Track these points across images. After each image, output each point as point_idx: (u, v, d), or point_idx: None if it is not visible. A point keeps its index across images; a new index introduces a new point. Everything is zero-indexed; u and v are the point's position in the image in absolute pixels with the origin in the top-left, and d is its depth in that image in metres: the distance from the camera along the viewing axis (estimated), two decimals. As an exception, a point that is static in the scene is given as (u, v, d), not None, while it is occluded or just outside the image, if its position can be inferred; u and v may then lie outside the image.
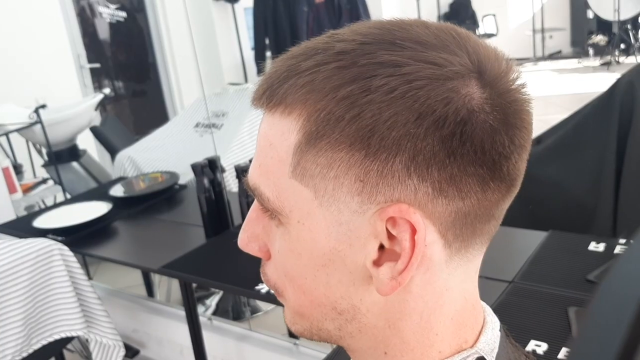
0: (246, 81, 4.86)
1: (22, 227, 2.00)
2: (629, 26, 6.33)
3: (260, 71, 4.69)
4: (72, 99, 3.36)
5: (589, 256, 1.29)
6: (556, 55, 7.26)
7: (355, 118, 0.37)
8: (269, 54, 4.73)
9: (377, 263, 0.40)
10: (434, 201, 0.38)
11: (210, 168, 1.74)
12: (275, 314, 2.31)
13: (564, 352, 1.01)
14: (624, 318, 0.23)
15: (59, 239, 1.80)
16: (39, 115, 2.61)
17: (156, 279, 2.54)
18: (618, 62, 6.33)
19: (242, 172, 1.63)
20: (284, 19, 4.59)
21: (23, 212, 2.54)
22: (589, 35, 6.85)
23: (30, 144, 2.98)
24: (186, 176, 2.27)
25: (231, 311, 2.46)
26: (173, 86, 4.45)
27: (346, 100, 0.37)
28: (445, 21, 0.43)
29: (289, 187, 0.41)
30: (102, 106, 3.65)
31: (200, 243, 1.71)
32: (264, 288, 1.36)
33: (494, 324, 0.46)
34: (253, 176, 0.43)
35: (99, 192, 2.30)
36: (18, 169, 2.72)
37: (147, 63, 4.46)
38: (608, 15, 6.34)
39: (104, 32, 4.17)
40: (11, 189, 2.45)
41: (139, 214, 2.05)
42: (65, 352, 1.96)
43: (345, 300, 0.42)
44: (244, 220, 0.47)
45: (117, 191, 2.21)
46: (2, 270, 1.53)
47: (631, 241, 0.27)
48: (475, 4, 7.11)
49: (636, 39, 6.37)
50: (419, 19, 0.41)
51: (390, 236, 0.39)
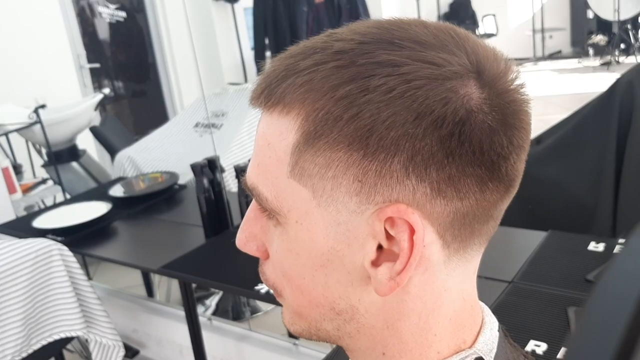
0: (246, 81, 4.85)
1: (21, 227, 2.00)
2: (629, 26, 6.33)
3: (260, 71, 4.68)
4: (72, 99, 3.36)
5: (589, 256, 1.29)
6: (556, 55, 7.26)
7: (353, 118, 0.37)
8: (268, 54, 4.73)
9: (375, 263, 0.40)
10: (433, 201, 0.38)
11: (209, 168, 1.73)
12: (275, 314, 2.31)
13: (563, 352, 1.01)
14: (621, 317, 0.23)
15: (59, 239, 1.80)
16: (38, 115, 2.61)
17: (156, 279, 2.53)
18: (618, 62, 6.33)
19: (242, 172, 1.63)
20: (283, 19, 4.59)
21: (23, 212, 2.54)
22: (589, 35, 6.85)
23: (30, 144, 2.98)
24: (186, 176, 2.27)
25: (231, 311, 2.46)
26: (173, 86, 4.45)
27: (344, 100, 0.37)
28: (445, 21, 0.42)
29: (287, 187, 0.40)
30: (101, 106, 3.65)
31: (199, 243, 1.71)
32: (263, 288, 1.36)
33: (492, 324, 0.46)
34: (251, 176, 0.43)
35: (99, 192, 2.30)
36: (18, 169, 2.72)
37: (147, 63, 4.46)
38: (608, 15, 6.34)
39: (103, 32, 4.17)
40: (11, 189, 2.45)
41: (138, 214, 2.05)
42: (65, 352, 1.96)
43: (344, 301, 0.42)
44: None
45: (116, 191, 2.21)
46: (1, 270, 1.53)
47: (629, 239, 0.27)
48: (475, 4, 7.11)
49: (636, 38, 6.37)
50: (417, 18, 0.41)
51: (389, 236, 0.39)
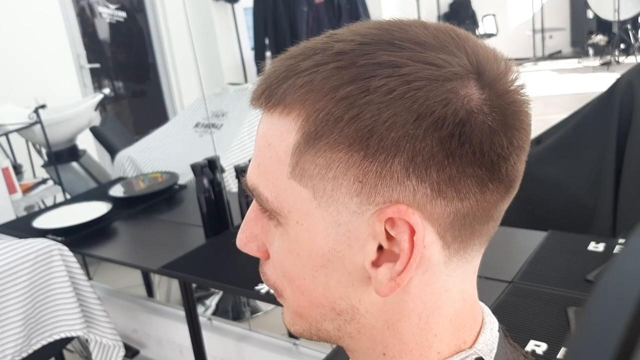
0: (246, 81, 4.85)
1: (21, 228, 2.00)
2: (628, 26, 6.33)
3: (260, 71, 4.68)
4: (72, 99, 3.36)
5: (589, 256, 1.29)
6: (556, 55, 7.26)
7: (354, 119, 0.37)
8: (268, 54, 4.72)
9: (375, 264, 0.40)
10: (433, 202, 0.38)
11: (209, 168, 1.73)
12: (275, 314, 2.31)
13: (563, 352, 1.01)
14: (621, 317, 0.23)
15: (59, 239, 1.80)
16: (38, 116, 2.61)
17: (156, 279, 2.54)
18: (618, 62, 6.33)
19: (242, 172, 1.63)
20: (283, 19, 4.58)
21: (23, 212, 2.54)
22: (588, 35, 6.85)
23: (30, 144, 2.98)
24: (186, 176, 2.27)
25: (231, 311, 2.46)
26: (173, 86, 4.45)
27: (345, 101, 0.37)
28: (445, 21, 0.43)
29: (288, 188, 0.40)
30: (101, 106, 3.65)
31: (200, 243, 1.71)
32: (263, 288, 1.36)
33: (492, 324, 0.46)
34: (252, 176, 0.43)
35: (99, 192, 2.30)
36: (18, 169, 2.72)
37: (147, 63, 4.46)
38: (608, 15, 6.34)
39: (103, 32, 4.17)
40: (11, 189, 2.45)
41: (138, 214, 2.05)
42: (65, 352, 1.96)
43: (344, 301, 0.42)
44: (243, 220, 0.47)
45: (116, 191, 2.21)
46: (2, 270, 1.53)
47: (629, 239, 0.27)
48: (475, 4, 7.11)
49: (636, 38, 6.37)
50: (418, 19, 0.41)
51: (389, 237, 0.39)
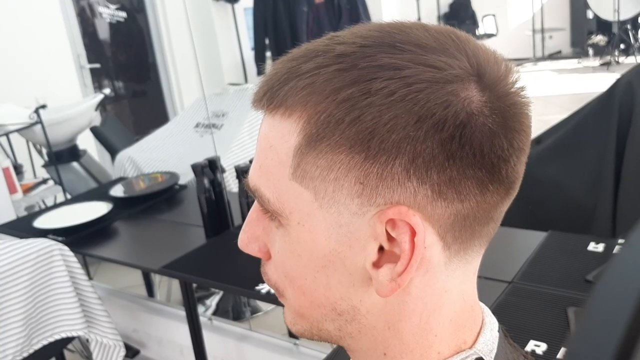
0: (246, 81, 4.86)
1: (22, 228, 2.00)
2: (628, 26, 6.33)
3: (261, 72, 4.69)
4: (72, 99, 3.37)
5: (588, 256, 1.29)
6: (556, 56, 7.26)
7: (355, 121, 0.37)
8: (268, 54, 4.73)
9: (376, 265, 0.40)
10: (433, 203, 0.38)
11: (210, 168, 1.74)
12: (275, 314, 2.31)
13: (563, 352, 1.02)
14: (621, 316, 0.23)
15: (60, 239, 1.81)
16: (39, 116, 2.61)
17: (156, 279, 2.54)
18: (618, 62, 6.33)
19: (242, 173, 1.63)
20: (283, 19, 4.58)
21: (23, 212, 2.54)
22: (588, 35, 6.85)
23: (31, 144, 2.98)
24: (186, 176, 2.27)
25: (231, 311, 2.46)
26: (173, 86, 4.46)
27: (346, 103, 0.37)
28: (445, 21, 0.43)
29: (289, 189, 0.41)
30: (102, 106, 3.65)
31: (200, 243, 1.71)
32: (264, 288, 1.37)
33: (492, 324, 0.46)
34: (253, 177, 0.43)
35: (99, 193, 2.30)
36: (18, 169, 2.73)
37: (147, 63, 4.46)
38: (608, 15, 6.34)
39: (104, 32, 4.17)
40: (11, 189, 2.45)
41: (139, 214, 2.05)
42: (65, 352, 1.97)
43: (345, 301, 0.42)
44: (244, 221, 0.47)
45: (117, 191, 2.21)
46: (2, 270, 1.53)
47: (628, 239, 0.28)
48: (475, 4, 7.10)
49: (636, 39, 6.37)
50: (418, 21, 0.41)
51: (390, 238, 0.39)
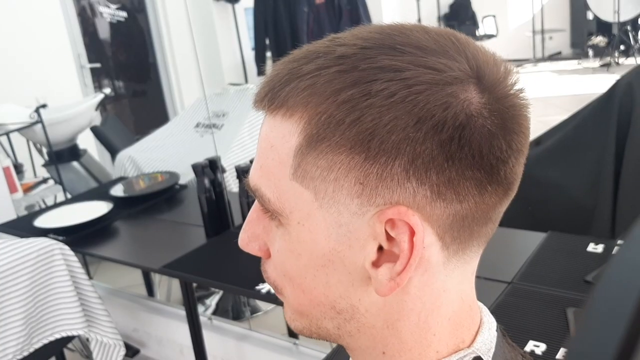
0: (246, 81, 4.86)
1: (23, 227, 2.00)
2: (628, 27, 6.33)
3: (261, 72, 4.70)
4: (73, 99, 3.37)
5: (588, 257, 1.29)
6: (556, 57, 7.26)
7: (355, 121, 0.37)
8: (269, 54, 4.73)
9: (376, 264, 0.40)
10: (432, 204, 0.38)
11: (210, 168, 1.74)
12: (275, 313, 2.31)
13: (562, 352, 1.02)
14: (621, 316, 0.23)
15: (60, 238, 1.81)
16: (39, 115, 2.61)
17: (156, 278, 2.54)
18: (618, 64, 6.34)
19: (243, 173, 1.64)
20: (284, 20, 4.59)
21: (24, 211, 2.54)
22: (588, 36, 6.85)
23: (31, 144, 2.99)
24: (186, 176, 2.28)
25: (231, 311, 2.46)
26: (173, 86, 4.46)
27: (347, 104, 0.37)
28: (445, 22, 0.43)
29: (290, 189, 0.41)
30: (102, 106, 3.66)
31: (200, 243, 1.72)
32: (264, 288, 1.37)
33: (490, 324, 0.47)
34: (254, 177, 0.44)
35: (100, 192, 2.30)
36: (19, 168, 2.73)
37: (148, 63, 4.47)
38: (608, 16, 6.34)
39: (104, 32, 4.17)
40: (12, 189, 2.46)
41: (139, 213, 2.05)
42: (65, 351, 1.97)
43: (344, 300, 0.43)
44: (245, 220, 0.47)
45: (117, 191, 2.21)
46: (3, 269, 1.53)
47: (627, 239, 0.28)
48: (475, 5, 7.11)
49: (636, 40, 6.37)
50: (419, 24, 0.42)
51: (389, 238, 0.40)
